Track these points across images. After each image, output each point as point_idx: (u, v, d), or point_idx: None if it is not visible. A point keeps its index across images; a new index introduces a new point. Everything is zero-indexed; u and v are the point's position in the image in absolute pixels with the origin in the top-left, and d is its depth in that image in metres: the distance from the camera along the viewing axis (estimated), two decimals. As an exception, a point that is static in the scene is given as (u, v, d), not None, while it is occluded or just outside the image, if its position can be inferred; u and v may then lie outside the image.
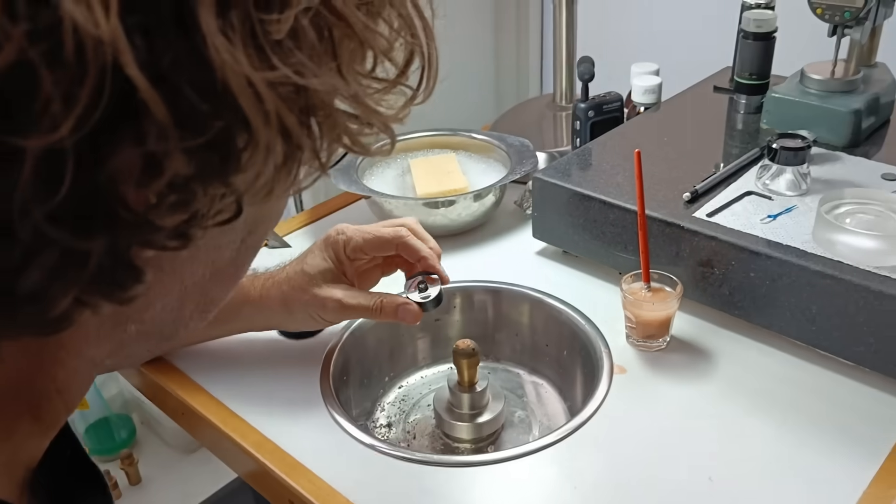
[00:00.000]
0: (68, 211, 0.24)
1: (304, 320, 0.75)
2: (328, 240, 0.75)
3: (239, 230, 0.34)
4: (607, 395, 0.74)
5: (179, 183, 0.26)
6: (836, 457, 0.66)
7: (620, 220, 0.85)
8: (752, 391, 0.73)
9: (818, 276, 0.72)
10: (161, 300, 0.34)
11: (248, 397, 0.76)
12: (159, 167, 0.25)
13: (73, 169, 0.24)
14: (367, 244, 0.74)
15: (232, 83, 0.25)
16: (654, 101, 1.10)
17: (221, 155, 0.27)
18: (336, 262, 0.74)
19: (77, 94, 0.23)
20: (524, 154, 1.06)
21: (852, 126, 0.92)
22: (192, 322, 0.37)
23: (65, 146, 0.23)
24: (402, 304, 0.71)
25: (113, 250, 0.27)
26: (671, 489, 0.64)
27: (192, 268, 0.34)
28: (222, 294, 0.38)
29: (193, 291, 0.35)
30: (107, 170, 0.25)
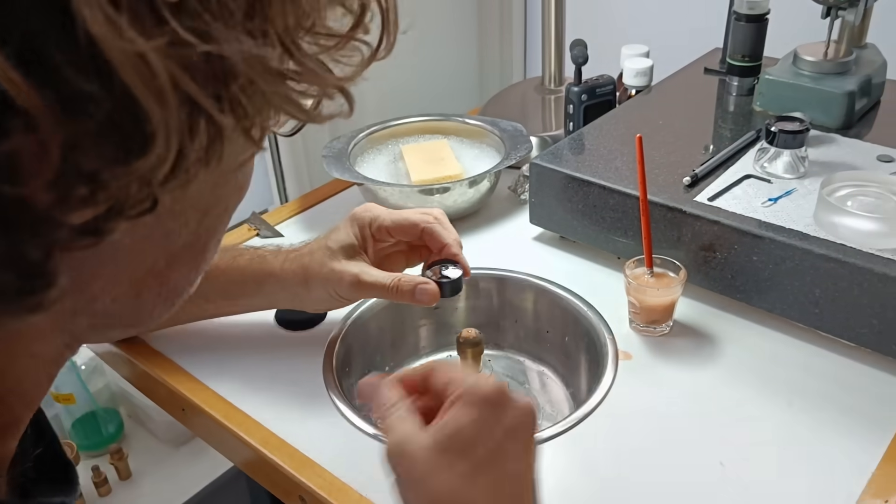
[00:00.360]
0: None
1: (320, 297, 0.73)
2: (354, 216, 0.73)
3: (190, 214, 0.31)
4: (614, 382, 0.74)
5: (78, 174, 0.24)
6: (843, 438, 0.67)
7: (621, 205, 0.85)
8: (758, 374, 0.74)
9: (822, 259, 0.72)
10: (109, 292, 0.31)
11: (251, 391, 0.75)
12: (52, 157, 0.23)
13: None
14: (394, 225, 0.72)
15: (113, 57, 0.22)
16: (645, 84, 1.10)
17: (117, 139, 0.24)
18: (360, 238, 0.72)
19: None
20: (518, 139, 1.05)
21: (846, 108, 0.93)
22: (157, 310, 0.34)
23: None
24: (419, 283, 0.68)
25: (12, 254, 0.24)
26: (683, 475, 0.64)
27: (140, 257, 0.31)
28: (185, 281, 0.35)
29: (149, 280, 0.32)
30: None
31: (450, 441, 0.45)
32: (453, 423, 0.45)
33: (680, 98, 1.06)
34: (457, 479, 0.44)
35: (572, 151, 0.94)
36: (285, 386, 0.76)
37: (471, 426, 0.45)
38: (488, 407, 0.46)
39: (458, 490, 0.44)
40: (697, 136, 0.96)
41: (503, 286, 0.89)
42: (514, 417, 0.47)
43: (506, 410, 0.46)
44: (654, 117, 1.00)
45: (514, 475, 0.46)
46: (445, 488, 0.44)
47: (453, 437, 0.45)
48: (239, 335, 0.81)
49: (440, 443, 0.45)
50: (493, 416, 0.46)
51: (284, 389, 0.75)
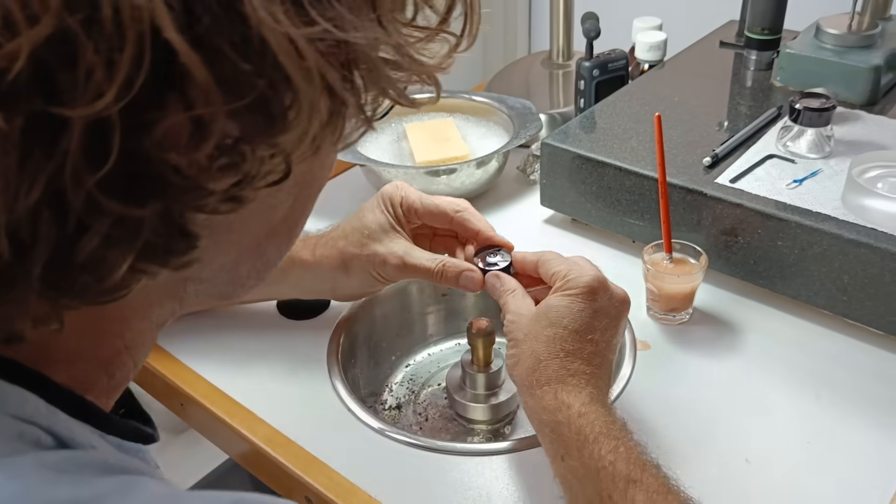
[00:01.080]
0: (118, 179, 0.24)
1: (360, 280, 0.70)
2: (384, 193, 0.70)
3: (291, 189, 0.34)
4: (632, 374, 0.71)
5: (227, 146, 0.27)
6: (875, 431, 0.64)
7: (637, 187, 0.81)
8: (783, 364, 0.71)
9: (851, 245, 0.69)
10: (218, 261, 0.35)
11: (252, 384, 0.71)
12: (206, 131, 0.25)
13: (120, 137, 0.24)
14: (424, 209, 0.69)
15: (272, 41, 0.25)
16: (659, 58, 1.05)
17: (266, 115, 0.27)
18: (394, 217, 0.70)
19: (118, 62, 0.23)
20: (527, 117, 1.01)
21: (871, 83, 0.89)
22: (250, 282, 0.38)
23: (110, 114, 0.23)
24: (466, 269, 0.66)
25: (165, 217, 0.27)
26: (706, 472, 0.61)
27: (247, 228, 0.34)
28: (277, 253, 0.39)
29: (249, 251, 0.36)
30: (154, 136, 0.25)
31: (544, 314, 0.58)
32: (547, 302, 0.59)
33: (695, 73, 1.02)
34: (545, 339, 0.56)
35: (584, 130, 0.90)
36: (288, 378, 0.72)
37: (562, 308, 0.57)
38: (581, 296, 0.58)
39: (545, 346, 0.56)
40: (714, 113, 0.91)
41: (514, 272, 0.86)
42: (605, 302, 0.59)
43: (596, 297, 0.58)
44: (669, 94, 0.96)
45: (594, 344, 0.57)
46: (536, 345, 0.56)
47: (548, 311, 0.58)
48: (240, 324, 0.78)
49: (538, 313, 0.58)
50: (585, 303, 0.58)
51: (287, 381, 0.72)
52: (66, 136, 0.23)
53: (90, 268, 0.26)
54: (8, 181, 0.23)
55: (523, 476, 0.62)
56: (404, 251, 0.68)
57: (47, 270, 0.26)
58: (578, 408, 0.53)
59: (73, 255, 0.26)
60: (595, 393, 0.55)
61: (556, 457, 0.54)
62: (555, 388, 0.55)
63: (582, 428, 0.52)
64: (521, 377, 0.57)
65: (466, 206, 0.70)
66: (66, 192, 0.24)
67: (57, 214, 0.25)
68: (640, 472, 0.50)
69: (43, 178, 0.24)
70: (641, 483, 0.49)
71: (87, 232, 0.25)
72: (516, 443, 0.65)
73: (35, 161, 0.23)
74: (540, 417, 0.55)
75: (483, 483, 0.62)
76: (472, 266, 0.66)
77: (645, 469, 0.50)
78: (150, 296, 0.34)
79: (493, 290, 0.64)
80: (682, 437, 0.65)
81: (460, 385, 0.75)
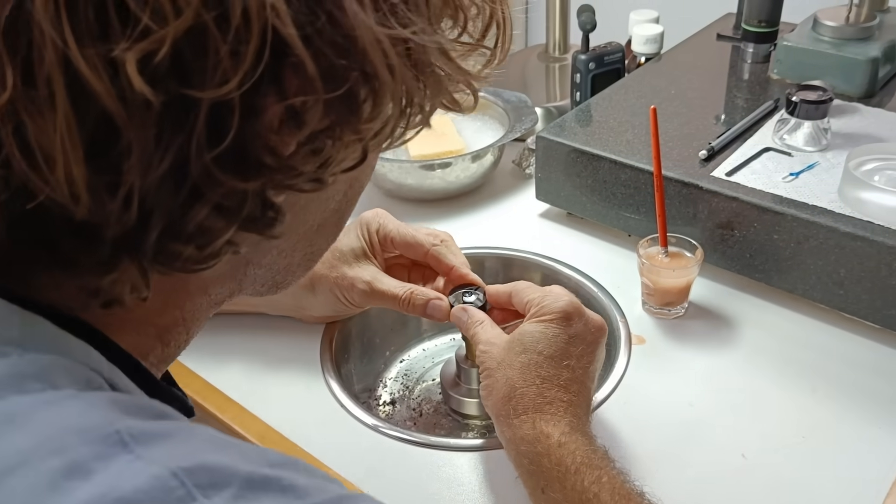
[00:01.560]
0: (231, 155, 0.28)
1: (326, 302, 0.70)
2: (362, 219, 0.71)
3: (343, 183, 0.39)
4: (627, 368, 0.71)
5: (318, 132, 0.30)
6: (871, 426, 0.63)
7: (633, 180, 0.80)
8: (779, 358, 0.70)
9: (847, 238, 0.68)
10: (278, 245, 0.38)
11: (245, 380, 0.71)
12: (305, 117, 0.29)
13: (238, 118, 0.28)
14: (400, 238, 0.69)
15: (365, 41, 0.29)
16: (655, 52, 1.05)
17: (354, 106, 0.30)
18: (369, 244, 0.70)
19: (243, 53, 0.26)
20: (522, 111, 1.00)
21: (869, 75, 0.88)
22: (299, 271, 0.43)
23: (232, 98, 0.27)
24: (433, 298, 0.66)
25: (262, 192, 0.31)
26: (702, 467, 0.61)
27: (307, 216, 0.38)
28: (325, 245, 0.43)
29: (304, 240, 0.40)
30: (264, 119, 0.29)
31: (517, 342, 0.57)
32: (521, 329, 0.58)
33: (692, 66, 1.02)
34: (519, 366, 0.55)
35: (580, 123, 0.89)
36: (282, 374, 0.72)
37: (537, 333, 0.56)
38: (555, 321, 0.57)
39: (520, 374, 0.55)
40: (711, 106, 0.91)
41: (509, 266, 0.85)
42: (580, 328, 0.57)
43: (571, 322, 0.57)
44: (666, 87, 0.95)
45: (571, 370, 0.56)
46: (510, 373, 0.55)
47: (521, 339, 0.57)
48: (233, 319, 0.77)
49: (510, 340, 0.57)
50: (560, 328, 0.57)
51: (281, 377, 0.71)
52: (194, 115, 0.27)
53: (196, 237, 0.30)
54: (145, 151, 0.27)
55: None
56: (372, 277, 0.68)
57: (161, 238, 0.29)
58: (558, 437, 0.52)
59: (184, 224, 0.29)
60: (574, 422, 0.54)
61: (536, 489, 0.53)
62: (532, 417, 0.54)
63: (563, 459, 0.51)
64: (497, 406, 0.56)
65: (446, 238, 0.70)
66: (189, 163, 0.28)
67: (178, 183, 0.28)
68: (626, 502, 0.49)
69: (172, 151, 0.27)
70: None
71: (200, 201, 0.29)
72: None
73: (168, 135, 0.27)
74: (518, 448, 0.54)
75: (476, 479, 0.61)
76: (441, 295, 0.66)
77: (630, 499, 0.49)
78: (215, 274, 0.36)
79: (460, 323, 0.63)
80: (677, 432, 0.64)
81: (454, 380, 0.75)
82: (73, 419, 0.27)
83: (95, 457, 0.26)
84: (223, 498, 0.26)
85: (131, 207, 0.28)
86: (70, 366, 0.30)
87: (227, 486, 0.26)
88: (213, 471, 0.27)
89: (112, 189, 0.27)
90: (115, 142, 0.27)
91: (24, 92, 0.26)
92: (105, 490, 0.25)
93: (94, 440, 0.26)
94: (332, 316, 0.75)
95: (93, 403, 0.28)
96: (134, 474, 0.26)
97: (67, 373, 0.29)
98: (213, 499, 0.26)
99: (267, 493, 0.27)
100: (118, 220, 0.28)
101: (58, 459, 0.26)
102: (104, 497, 0.25)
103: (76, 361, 0.31)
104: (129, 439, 0.27)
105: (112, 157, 0.27)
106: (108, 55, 0.25)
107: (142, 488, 0.25)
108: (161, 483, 0.25)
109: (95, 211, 0.28)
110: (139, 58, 0.25)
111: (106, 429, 0.27)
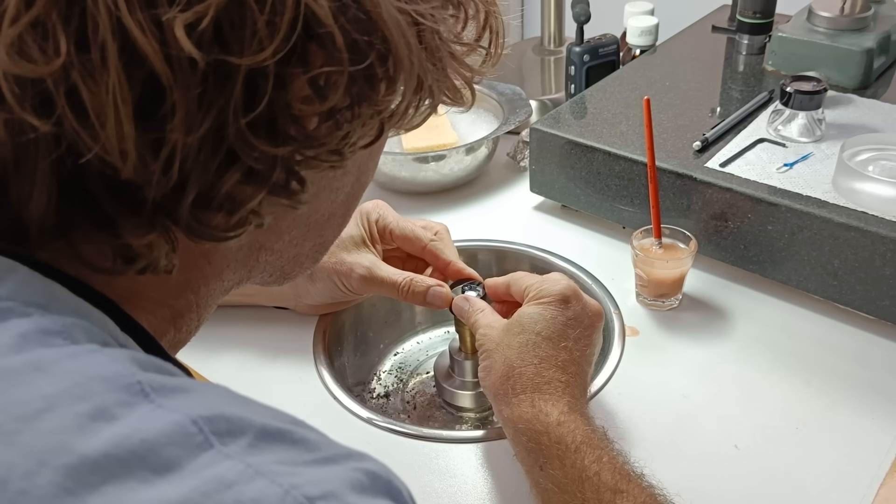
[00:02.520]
0: (263, 121, 0.30)
1: (324, 289, 0.70)
2: (362, 209, 0.71)
3: (351, 174, 0.41)
4: (621, 360, 0.70)
5: (341, 105, 0.32)
6: (864, 416, 0.63)
7: (627, 172, 0.80)
8: (773, 350, 0.70)
9: (841, 228, 0.68)
10: (290, 232, 0.40)
11: (237, 371, 0.71)
12: (326, 90, 0.31)
13: (272, 86, 0.30)
14: (399, 231, 0.70)
15: (385, 18, 0.31)
16: (650, 44, 1.04)
17: (373, 81, 0.32)
18: (368, 232, 0.70)
19: (278, 23, 0.29)
20: (517, 103, 0.99)
21: (864, 66, 0.88)
22: (307, 262, 0.44)
23: (267, 66, 0.29)
24: (433, 285, 0.66)
25: (289, 160, 0.33)
26: (695, 459, 0.61)
27: (318, 204, 0.40)
28: (333, 235, 0.45)
29: (314, 229, 0.42)
30: (294, 88, 0.31)
31: (516, 322, 0.57)
32: (520, 312, 0.58)
33: (687, 58, 1.01)
34: (517, 346, 0.56)
35: (574, 115, 0.89)
36: (274, 366, 0.72)
37: (535, 314, 0.57)
38: (553, 304, 0.57)
39: (517, 354, 0.56)
40: (706, 97, 0.91)
41: (502, 258, 0.85)
42: (578, 310, 0.58)
43: (569, 305, 0.57)
44: (660, 79, 0.95)
45: (568, 351, 0.56)
46: (508, 353, 0.56)
47: (519, 320, 0.57)
48: (227, 310, 0.77)
49: (509, 322, 0.58)
50: (557, 310, 0.57)
51: (273, 369, 0.71)
52: (232, 80, 0.29)
53: (227, 202, 0.32)
54: (189, 111, 0.29)
55: (509, 463, 0.61)
56: (371, 263, 0.68)
57: (196, 202, 0.31)
58: (557, 416, 0.52)
59: (218, 187, 0.31)
60: (573, 402, 0.54)
61: (534, 466, 0.53)
62: (531, 396, 0.54)
63: (563, 437, 0.51)
64: (495, 387, 0.56)
65: (440, 229, 0.71)
66: (227, 126, 0.29)
67: (215, 146, 0.30)
68: (626, 482, 0.49)
69: (213, 113, 0.29)
70: (629, 494, 0.48)
71: (234, 165, 0.31)
72: (502, 430, 0.65)
73: (209, 97, 0.29)
74: (516, 426, 0.54)
75: (468, 470, 0.61)
76: (441, 282, 0.66)
77: (630, 480, 0.49)
78: (229, 257, 0.39)
79: (462, 313, 0.64)
80: (671, 423, 0.64)
81: (448, 373, 0.75)
82: (97, 369, 0.28)
83: (119, 403, 0.27)
84: (239, 445, 0.27)
85: (173, 167, 0.30)
86: (89, 327, 0.31)
87: (242, 434, 0.28)
88: (230, 420, 0.28)
89: (156, 148, 0.29)
90: (161, 102, 0.28)
91: (78, 57, 0.27)
92: (130, 432, 0.26)
93: (117, 388, 0.28)
94: (328, 305, 0.75)
95: (115, 357, 0.29)
96: (156, 419, 0.27)
97: (87, 332, 0.31)
98: (229, 446, 0.27)
99: (280, 444, 0.28)
100: (159, 181, 0.30)
101: (84, 405, 0.27)
102: (128, 438, 0.26)
103: (92, 324, 0.32)
104: (149, 390, 0.28)
105: (158, 117, 0.29)
106: (157, 20, 0.27)
107: (164, 432, 0.26)
108: (181, 429, 0.27)
109: (140, 170, 0.29)
110: (186, 24, 0.27)
111: (128, 378, 0.28)
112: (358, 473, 0.28)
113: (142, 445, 0.26)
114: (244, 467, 0.26)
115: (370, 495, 0.28)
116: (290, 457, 0.28)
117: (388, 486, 0.29)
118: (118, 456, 0.26)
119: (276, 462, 0.27)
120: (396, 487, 0.30)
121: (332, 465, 0.29)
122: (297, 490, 0.26)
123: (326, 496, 0.26)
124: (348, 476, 0.28)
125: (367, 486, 0.28)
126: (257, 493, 0.26)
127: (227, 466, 0.26)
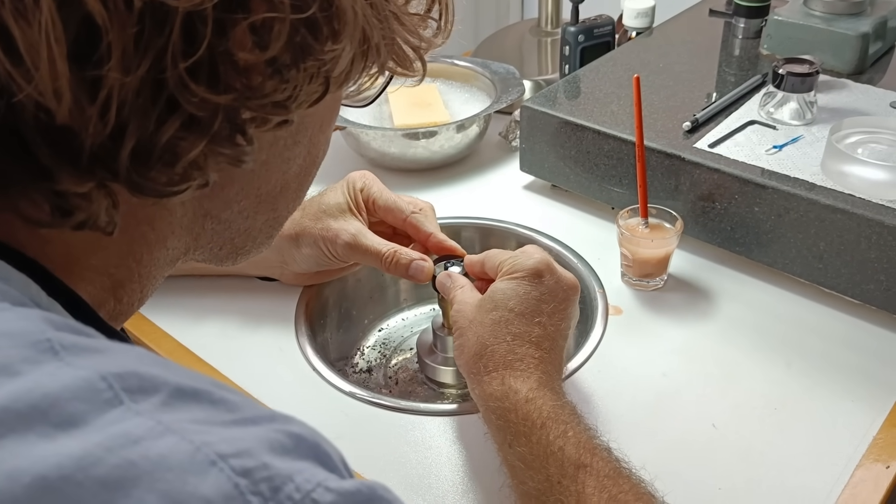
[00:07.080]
0: (203, 67, 0.30)
1: (309, 255, 0.70)
2: (349, 178, 0.71)
3: (301, 144, 0.40)
4: (602, 338, 0.70)
5: (283, 58, 0.32)
6: (844, 400, 0.63)
7: (616, 151, 0.79)
8: (755, 331, 0.70)
9: (828, 211, 0.68)
10: (238, 202, 0.40)
11: (220, 344, 0.71)
12: (269, 39, 0.31)
13: (211, 31, 0.29)
14: (382, 202, 0.70)
15: None
16: (646, 26, 1.03)
17: (316, 31, 0.32)
18: (353, 200, 0.70)
19: None
20: (510, 82, 0.99)
21: (859, 51, 0.87)
22: (261, 237, 0.43)
23: (205, 10, 0.29)
24: (417, 258, 0.66)
25: (232, 111, 0.32)
26: (673, 437, 0.61)
27: (268, 175, 0.40)
28: (287, 211, 0.44)
29: (266, 201, 0.41)
30: (235, 34, 0.30)
31: (489, 299, 0.57)
32: (492, 287, 0.58)
33: (683, 41, 1.00)
34: (490, 323, 0.55)
35: (566, 95, 0.88)
36: (256, 336, 0.71)
37: (507, 290, 0.56)
38: (526, 278, 0.57)
39: (490, 331, 0.55)
40: (700, 80, 0.90)
41: (487, 236, 0.85)
42: (552, 284, 0.57)
43: (542, 279, 0.57)
44: (655, 60, 0.94)
45: (542, 326, 0.55)
46: (481, 330, 0.55)
47: (492, 296, 0.57)
48: (210, 281, 0.77)
49: (482, 299, 0.57)
50: (531, 285, 0.56)
51: (254, 339, 0.71)
52: (170, 23, 0.28)
53: (167, 153, 0.31)
54: (125, 52, 0.28)
55: (483, 437, 0.61)
56: (357, 230, 0.68)
57: (134, 152, 0.30)
58: (526, 393, 0.52)
59: (158, 137, 0.30)
60: (544, 378, 0.54)
61: (504, 443, 0.53)
62: (502, 373, 0.54)
63: (529, 413, 0.51)
64: (468, 365, 0.56)
65: (425, 206, 0.70)
66: (166, 71, 0.29)
67: (154, 92, 0.29)
68: (590, 456, 0.49)
69: (151, 55, 0.29)
70: (591, 468, 0.48)
71: (174, 113, 0.30)
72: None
73: (146, 39, 0.28)
74: (487, 404, 0.54)
75: (444, 443, 0.61)
76: (424, 256, 0.66)
77: (595, 453, 0.49)
78: (174, 223, 0.38)
79: (444, 289, 0.64)
80: (650, 401, 0.64)
81: (431, 349, 0.74)
82: (3, 325, 0.27)
83: (23, 360, 0.26)
84: (151, 403, 0.26)
85: (109, 111, 0.29)
86: (5, 289, 0.30)
87: (155, 392, 0.26)
88: (143, 377, 0.27)
89: (93, 91, 0.28)
90: (97, 43, 0.28)
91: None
92: (32, 386, 0.25)
93: (23, 345, 0.26)
94: (314, 274, 0.74)
95: (25, 316, 0.28)
96: (62, 375, 0.26)
97: (2, 294, 0.29)
98: (140, 403, 0.26)
99: (197, 403, 0.27)
100: (96, 126, 0.29)
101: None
102: (30, 392, 0.25)
103: (13, 287, 0.31)
104: (59, 348, 0.27)
105: (94, 59, 0.28)
106: None
107: (69, 387, 0.25)
108: (88, 384, 0.26)
109: (76, 113, 0.28)
110: None
111: (37, 336, 0.27)
112: (279, 435, 0.27)
113: (44, 400, 0.25)
114: (154, 424, 0.25)
115: (292, 457, 0.26)
116: (206, 416, 0.27)
117: (316, 449, 0.28)
118: (17, 410, 0.24)
119: (190, 421, 0.26)
120: (325, 451, 0.28)
121: (251, 426, 0.27)
122: (209, 447, 0.25)
123: (241, 454, 0.25)
124: (268, 437, 0.27)
125: (289, 447, 0.27)
126: (165, 450, 0.24)
127: (136, 423, 0.25)
